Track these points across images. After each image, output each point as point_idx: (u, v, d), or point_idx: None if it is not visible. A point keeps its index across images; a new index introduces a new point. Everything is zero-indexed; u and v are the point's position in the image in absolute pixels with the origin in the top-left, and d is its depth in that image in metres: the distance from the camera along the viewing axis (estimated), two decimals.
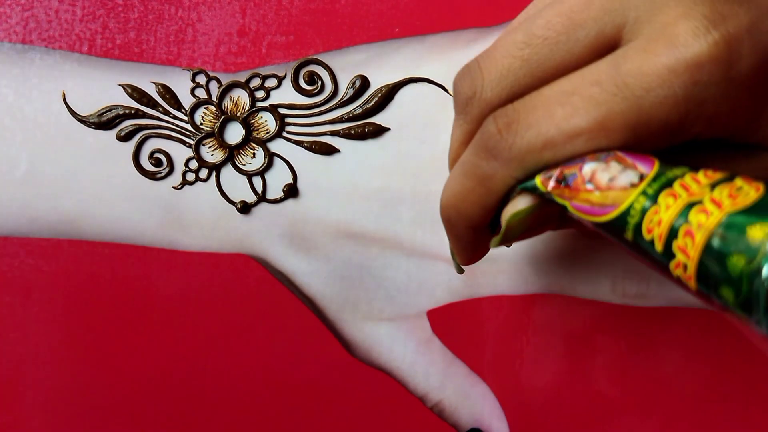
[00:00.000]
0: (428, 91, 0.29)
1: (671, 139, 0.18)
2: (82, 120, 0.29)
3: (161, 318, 0.30)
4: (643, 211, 0.16)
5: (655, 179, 0.17)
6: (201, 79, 0.29)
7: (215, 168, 0.30)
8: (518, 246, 0.29)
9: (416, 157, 0.29)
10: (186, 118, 0.30)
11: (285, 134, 0.30)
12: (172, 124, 0.30)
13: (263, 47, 0.30)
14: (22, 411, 0.30)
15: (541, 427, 0.30)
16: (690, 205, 0.15)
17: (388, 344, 0.30)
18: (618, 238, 0.17)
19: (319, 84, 0.29)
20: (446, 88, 0.29)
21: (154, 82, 0.29)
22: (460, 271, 0.25)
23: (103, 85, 0.29)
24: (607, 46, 0.19)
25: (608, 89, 0.18)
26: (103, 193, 0.30)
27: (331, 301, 0.30)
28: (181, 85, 0.30)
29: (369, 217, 0.29)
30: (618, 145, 0.18)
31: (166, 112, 0.30)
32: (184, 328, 0.30)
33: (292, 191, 0.30)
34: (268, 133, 0.30)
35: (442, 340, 0.30)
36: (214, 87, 0.30)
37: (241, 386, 0.30)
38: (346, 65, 0.29)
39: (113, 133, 0.30)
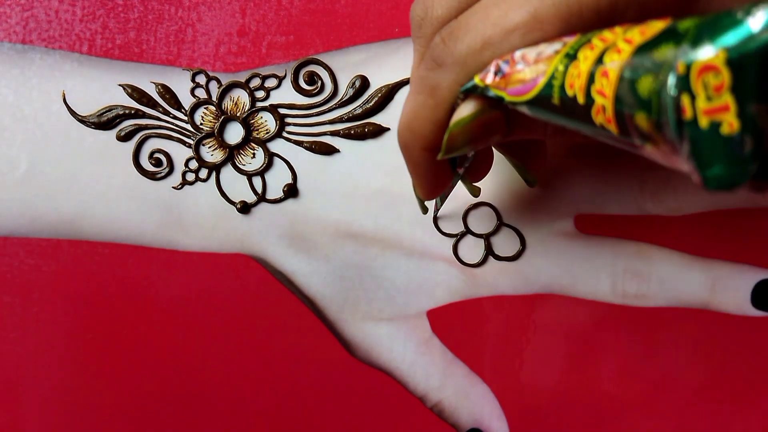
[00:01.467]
0: None
1: (606, 25, 0.18)
2: (82, 120, 0.29)
3: (161, 318, 0.30)
4: (565, 71, 0.16)
5: (577, 42, 0.16)
6: (201, 79, 0.29)
7: (215, 168, 0.30)
8: (518, 246, 0.29)
9: None
10: (186, 118, 0.30)
11: (285, 134, 0.30)
12: (172, 124, 0.30)
13: (263, 47, 0.30)
14: (22, 411, 0.30)
15: (541, 427, 0.30)
16: (605, 50, 0.15)
17: (388, 344, 0.30)
18: (549, 111, 0.17)
19: (319, 84, 0.29)
20: None
21: (154, 82, 0.29)
22: (425, 210, 0.24)
23: (103, 85, 0.29)
24: None
25: None
26: (103, 193, 0.30)
27: (331, 301, 0.30)
28: (181, 85, 0.29)
29: (369, 217, 0.29)
30: (552, 37, 0.18)
31: (166, 112, 0.30)
32: (184, 328, 0.30)
33: (292, 191, 0.30)
34: (268, 133, 0.30)
35: (442, 340, 0.30)
36: (214, 87, 0.30)
37: (241, 386, 0.30)
38: (346, 65, 0.29)
39: (113, 133, 0.30)
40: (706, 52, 0.11)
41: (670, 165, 0.13)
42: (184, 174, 0.30)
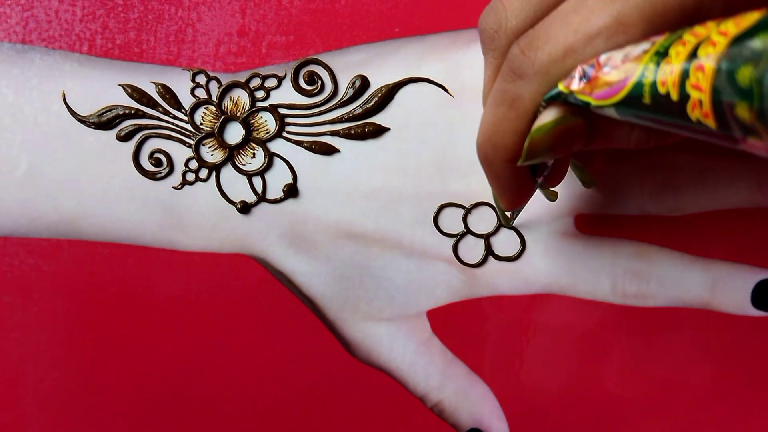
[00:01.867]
0: (428, 91, 0.29)
1: (690, 23, 0.18)
2: (82, 120, 0.29)
3: (161, 318, 0.30)
4: (657, 68, 0.16)
5: (666, 40, 0.16)
6: (201, 79, 0.29)
7: (215, 168, 0.30)
8: (518, 246, 0.29)
9: (416, 157, 0.29)
10: (186, 118, 0.30)
11: (285, 134, 0.30)
12: (172, 124, 0.30)
13: (263, 47, 0.30)
14: (22, 411, 0.30)
15: (541, 427, 0.30)
16: (698, 44, 0.14)
17: (388, 344, 0.30)
18: (640, 110, 0.17)
19: (319, 84, 0.29)
20: (446, 88, 0.29)
21: (154, 82, 0.29)
22: (508, 223, 0.24)
23: (103, 85, 0.29)
24: None
25: None
26: (103, 193, 0.30)
27: (331, 301, 0.30)
28: (181, 85, 0.29)
29: (369, 217, 0.29)
30: (637, 39, 0.18)
31: (166, 112, 0.30)
32: (184, 328, 0.30)
33: (292, 191, 0.30)
34: (268, 133, 0.30)
35: (442, 340, 0.30)
36: (214, 87, 0.30)
37: (241, 386, 0.30)
38: (346, 65, 0.29)
39: (113, 133, 0.30)
40: None
41: None
42: (184, 174, 0.30)
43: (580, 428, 0.30)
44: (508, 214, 0.28)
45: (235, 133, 0.30)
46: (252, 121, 0.30)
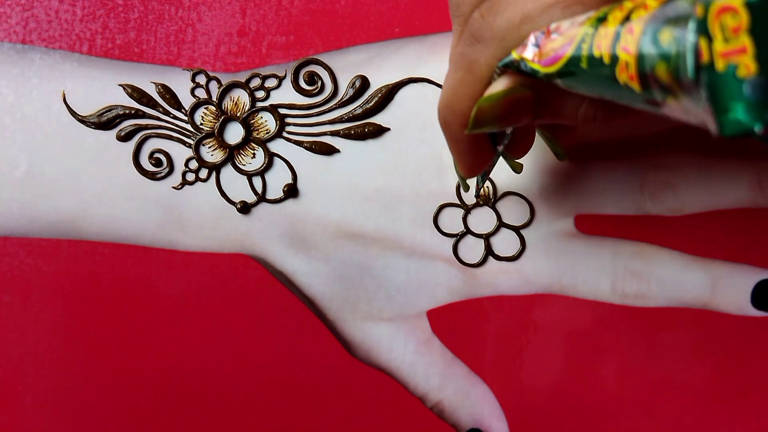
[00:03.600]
0: (428, 91, 0.29)
1: None
2: (82, 120, 0.29)
3: (161, 318, 0.30)
4: (594, 33, 0.16)
5: (610, 8, 0.16)
6: (201, 79, 0.29)
7: (215, 168, 0.30)
8: (518, 246, 0.29)
9: (416, 157, 0.29)
10: (186, 118, 0.30)
11: (285, 134, 0.30)
12: (172, 124, 0.30)
13: (263, 47, 0.30)
14: (22, 411, 0.30)
15: (541, 427, 0.30)
16: (633, 9, 0.14)
17: (388, 344, 0.30)
18: (578, 78, 0.16)
19: (319, 84, 0.29)
20: None
21: (154, 82, 0.29)
22: (466, 188, 0.24)
23: (103, 85, 0.29)
24: None
25: None
26: (103, 193, 0.30)
27: (331, 301, 0.30)
28: (181, 85, 0.29)
29: (369, 217, 0.29)
30: (592, 8, 0.18)
31: (166, 112, 0.30)
32: (184, 328, 0.30)
33: (292, 191, 0.30)
34: (268, 133, 0.30)
35: (442, 340, 0.30)
36: (214, 87, 0.30)
37: (241, 386, 0.30)
38: (346, 65, 0.29)
39: (113, 133, 0.30)
40: None
41: (689, 119, 0.13)
42: (184, 174, 0.30)
43: (580, 428, 0.30)
44: (469, 182, 0.27)
45: (235, 133, 0.30)
46: (252, 121, 0.30)
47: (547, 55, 0.17)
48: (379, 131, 0.29)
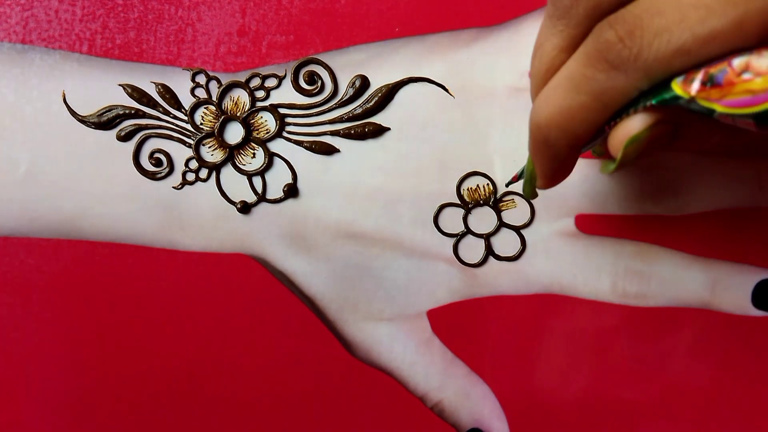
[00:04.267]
0: (428, 91, 0.29)
1: None
2: (82, 120, 0.29)
3: (161, 318, 0.30)
4: None
5: None
6: (201, 79, 0.29)
7: (215, 168, 0.30)
8: (518, 246, 0.29)
9: (416, 157, 0.29)
10: (186, 118, 0.30)
11: (285, 134, 0.30)
12: (172, 124, 0.30)
13: (263, 47, 0.30)
14: (22, 411, 0.30)
15: (541, 427, 0.30)
16: None
17: (388, 344, 0.30)
18: None
19: (319, 84, 0.29)
20: (446, 88, 0.29)
21: (154, 82, 0.29)
22: (534, 196, 0.23)
23: (103, 85, 0.29)
24: None
25: None
26: (103, 193, 0.30)
27: (331, 301, 0.30)
28: (181, 85, 0.29)
29: (369, 217, 0.29)
30: (753, 44, 0.17)
31: (166, 112, 0.30)
32: (184, 328, 0.30)
33: (292, 191, 0.30)
34: (268, 133, 0.30)
35: (442, 340, 0.30)
36: (214, 87, 0.30)
37: (241, 386, 0.30)
38: (346, 65, 0.29)
39: (113, 133, 0.30)
40: None
41: None
42: (184, 174, 0.30)
43: (580, 428, 0.30)
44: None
45: (235, 133, 0.30)
46: (252, 121, 0.30)
47: (738, 95, 0.16)
48: (379, 131, 0.29)
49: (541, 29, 0.21)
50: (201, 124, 0.30)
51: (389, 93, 0.29)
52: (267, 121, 0.30)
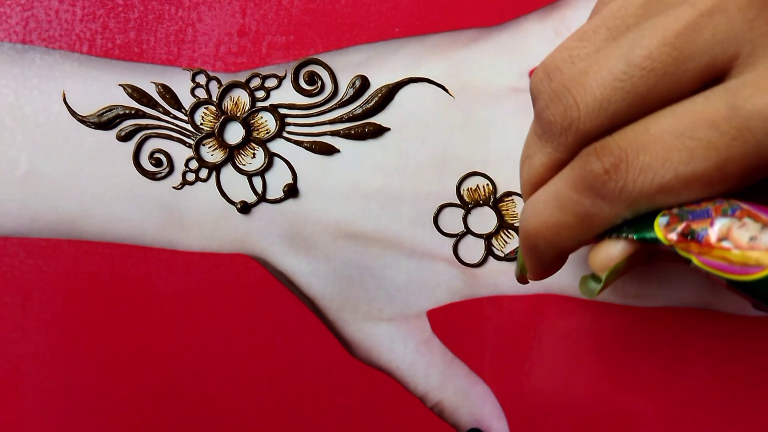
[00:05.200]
0: (428, 91, 0.29)
1: None
2: (82, 120, 0.29)
3: (161, 318, 0.30)
4: None
5: None
6: (201, 79, 0.29)
7: (215, 168, 0.30)
8: (519, 246, 0.29)
9: (416, 157, 0.29)
10: (186, 118, 0.30)
11: (285, 134, 0.30)
12: (172, 124, 0.30)
13: (263, 47, 0.30)
14: (22, 411, 0.30)
15: (541, 427, 0.30)
16: None
17: (388, 344, 0.30)
18: (758, 297, 0.17)
19: (319, 84, 0.29)
20: (446, 88, 0.29)
21: (154, 82, 0.29)
22: (525, 282, 0.24)
23: (103, 85, 0.29)
24: (714, 76, 0.18)
25: (727, 132, 0.17)
26: (103, 193, 0.30)
27: (331, 301, 0.30)
28: (181, 85, 0.30)
29: (369, 217, 0.29)
30: (734, 188, 0.17)
31: (166, 112, 0.30)
32: (184, 328, 0.30)
33: (292, 191, 0.30)
34: (268, 133, 0.30)
35: (442, 340, 0.30)
36: (214, 87, 0.30)
37: (241, 386, 0.30)
38: (346, 65, 0.29)
39: (113, 133, 0.30)
40: None
41: None
42: (184, 174, 0.30)
43: (580, 428, 0.30)
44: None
45: (235, 133, 0.30)
46: (252, 121, 0.30)
47: (715, 258, 0.17)
48: (379, 131, 0.29)
49: (527, 142, 0.21)
50: (201, 124, 0.30)
51: (389, 93, 0.29)
52: (267, 122, 0.30)
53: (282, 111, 0.30)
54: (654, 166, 0.17)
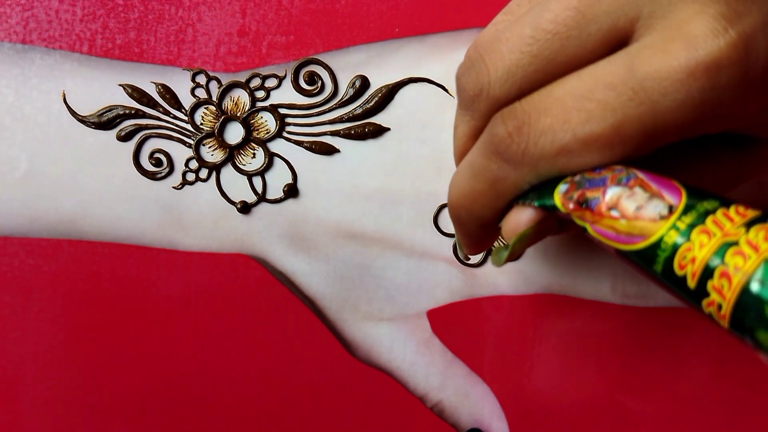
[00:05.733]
0: (428, 91, 0.29)
1: (681, 138, 0.18)
2: (82, 120, 0.29)
3: (161, 318, 0.30)
4: (675, 247, 0.16)
5: (685, 212, 0.16)
6: (201, 79, 0.29)
7: (215, 168, 0.30)
8: None
9: (416, 157, 0.29)
10: (186, 118, 0.30)
11: (285, 134, 0.30)
12: (172, 124, 0.30)
13: (263, 47, 0.30)
14: (22, 411, 0.30)
15: (541, 427, 0.30)
16: (725, 245, 0.15)
17: (388, 344, 0.30)
18: (643, 267, 0.17)
19: (319, 84, 0.29)
20: (446, 88, 0.29)
21: (154, 82, 0.29)
22: (467, 260, 0.25)
23: (103, 85, 0.29)
24: (619, 40, 0.18)
25: (624, 93, 0.17)
26: (103, 193, 0.30)
27: (331, 301, 0.30)
28: (181, 85, 0.29)
29: (369, 217, 0.29)
30: (633, 152, 0.18)
31: (166, 112, 0.30)
32: (184, 328, 0.30)
33: (292, 191, 0.30)
34: (268, 133, 0.30)
35: (442, 340, 0.30)
36: (214, 87, 0.30)
37: (241, 386, 0.30)
38: (346, 65, 0.29)
39: (113, 133, 0.30)
40: None
41: None
42: (184, 174, 0.30)
43: (580, 428, 0.30)
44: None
45: (235, 133, 0.30)
46: (252, 121, 0.30)
47: (605, 227, 0.17)
48: (379, 131, 0.29)
49: (456, 113, 0.22)
50: (201, 124, 0.30)
51: (389, 93, 0.29)
52: (267, 121, 0.30)
53: (282, 111, 0.30)
54: (554, 128, 0.18)
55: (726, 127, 0.18)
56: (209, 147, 0.30)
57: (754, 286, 0.14)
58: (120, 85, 0.29)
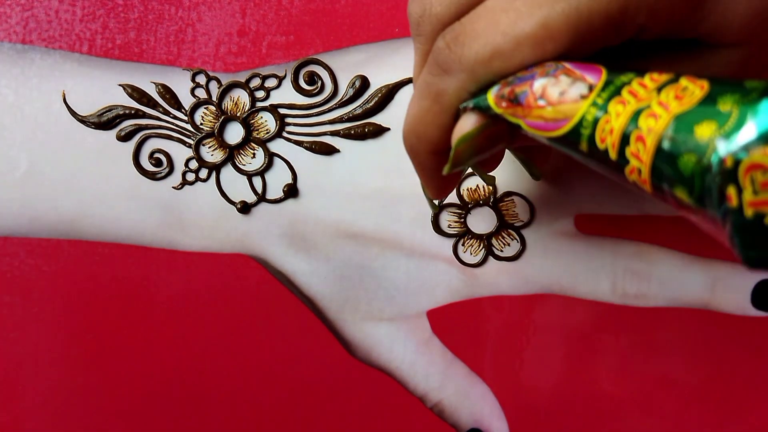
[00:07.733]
0: None
1: (617, 33, 0.18)
2: (82, 120, 0.29)
3: (161, 318, 0.30)
4: (595, 122, 0.16)
5: (603, 88, 0.16)
6: (201, 79, 0.29)
7: (215, 168, 0.30)
8: (518, 246, 0.29)
9: None
10: (186, 118, 0.30)
11: (285, 134, 0.30)
12: (172, 124, 0.30)
13: (263, 47, 0.30)
14: (22, 411, 0.30)
15: (541, 427, 0.30)
16: (639, 111, 0.15)
17: (388, 344, 0.30)
18: (573, 151, 0.17)
19: (319, 84, 0.29)
20: None
21: (154, 82, 0.29)
22: (435, 209, 0.24)
23: (103, 85, 0.29)
24: None
25: None
26: (103, 193, 0.30)
27: (331, 301, 0.30)
28: (181, 85, 0.29)
29: (369, 217, 0.29)
30: (565, 47, 0.18)
31: (166, 112, 0.30)
32: (184, 328, 0.30)
33: (292, 191, 0.30)
34: (268, 133, 0.30)
35: (442, 340, 0.30)
36: (214, 87, 0.30)
37: (241, 386, 0.30)
38: (346, 65, 0.29)
39: (113, 133, 0.30)
40: (756, 150, 0.12)
41: (706, 231, 0.13)
42: (184, 174, 0.30)
43: (580, 428, 0.30)
44: (436, 201, 0.28)
45: (235, 133, 0.30)
46: (252, 121, 0.30)
47: (534, 118, 0.18)
48: (379, 131, 0.29)
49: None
50: (201, 124, 0.30)
51: (389, 93, 0.29)
52: (267, 121, 0.30)
53: (282, 111, 0.30)
54: (487, 31, 0.18)
55: (657, 19, 0.18)
56: (209, 147, 0.30)
57: (666, 144, 0.14)
58: (120, 85, 0.29)
